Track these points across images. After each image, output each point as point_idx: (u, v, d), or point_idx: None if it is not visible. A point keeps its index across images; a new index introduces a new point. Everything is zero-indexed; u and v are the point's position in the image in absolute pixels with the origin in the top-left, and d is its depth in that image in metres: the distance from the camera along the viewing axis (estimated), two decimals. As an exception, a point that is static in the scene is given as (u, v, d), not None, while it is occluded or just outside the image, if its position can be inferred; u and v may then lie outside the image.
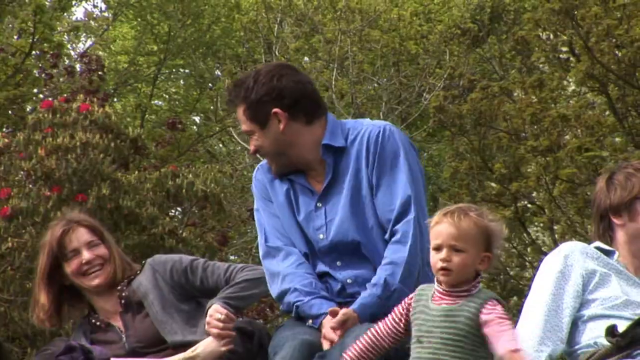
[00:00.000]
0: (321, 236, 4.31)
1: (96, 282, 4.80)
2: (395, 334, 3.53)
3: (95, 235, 4.81)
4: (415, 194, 4.17)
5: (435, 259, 3.46)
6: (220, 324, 4.34)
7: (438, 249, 3.47)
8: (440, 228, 3.47)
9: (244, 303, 4.61)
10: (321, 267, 4.32)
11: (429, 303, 3.46)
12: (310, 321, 4.14)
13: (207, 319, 4.38)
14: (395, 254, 4.16)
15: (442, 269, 3.45)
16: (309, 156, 4.38)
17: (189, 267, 4.79)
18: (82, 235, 4.77)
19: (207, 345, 4.41)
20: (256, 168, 4.59)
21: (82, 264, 4.76)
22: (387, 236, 4.23)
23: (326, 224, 4.32)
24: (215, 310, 4.38)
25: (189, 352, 4.41)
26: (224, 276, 4.68)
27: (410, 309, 3.46)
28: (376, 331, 3.56)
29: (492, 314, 3.43)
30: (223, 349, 4.35)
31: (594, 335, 4.22)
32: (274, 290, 4.32)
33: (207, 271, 4.76)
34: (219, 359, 4.42)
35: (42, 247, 4.83)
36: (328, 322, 3.98)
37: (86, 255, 4.75)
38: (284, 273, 4.27)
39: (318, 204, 4.34)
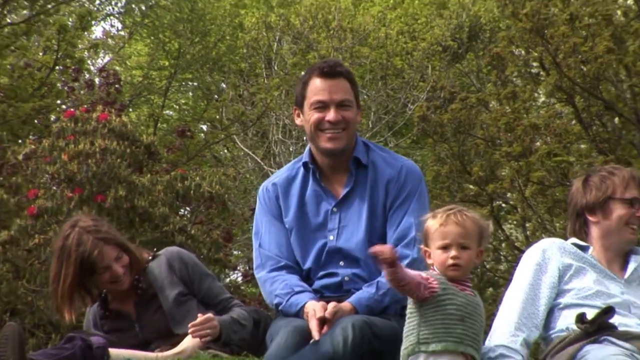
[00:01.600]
0: (331, 237, 4.34)
1: (124, 286, 4.82)
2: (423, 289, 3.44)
3: (118, 248, 4.80)
4: (417, 230, 4.10)
5: (444, 257, 3.45)
6: (198, 326, 4.39)
7: (446, 247, 3.45)
8: (448, 229, 3.46)
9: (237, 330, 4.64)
10: (326, 267, 4.35)
11: (456, 290, 3.44)
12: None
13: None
14: None
15: (454, 265, 3.43)
16: (346, 159, 4.39)
17: (201, 274, 4.87)
18: (109, 252, 4.76)
19: (190, 341, 4.47)
20: (271, 183, 4.54)
21: (113, 276, 4.78)
22: None
23: (338, 228, 4.34)
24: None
25: (178, 347, 4.50)
26: (219, 300, 4.83)
27: (437, 287, 3.42)
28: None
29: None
30: (200, 343, 4.43)
31: (567, 321, 4.22)
32: (266, 298, 4.40)
33: (212, 288, 4.87)
34: (227, 345, 4.51)
35: (66, 254, 4.76)
36: (313, 317, 3.99)
37: (118, 270, 4.76)
38: (270, 280, 4.33)
39: (334, 209, 4.36)
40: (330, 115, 4.30)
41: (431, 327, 3.36)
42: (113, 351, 4.48)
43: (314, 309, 4.03)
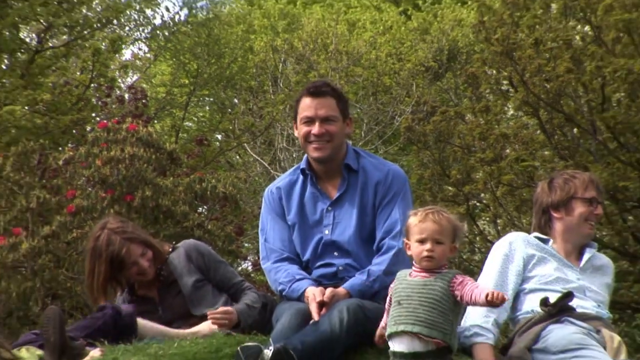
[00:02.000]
0: (327, 232, 4.35)
1: (149, 277, 4.84)
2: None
3: (142, 245, 4.82)
4: (402, 225, 4.09)
5: (420, 249, 3.44)
6: (217, 315, 4.43)
7: (423, 241, 3.44)
8: (426, 225, 3.45)
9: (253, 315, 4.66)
10: (322, 258, 4.35)
11: (407, 278, 3.44)
12: None
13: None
14: (379, 258, 4.24)
15: (428, 257, 3.43)
16: (337, 165, 4.38)
17: (215, 262, 4.87)
18: (135, 250, 4.78)
19: (207, 325, 4.48)
20: (275, 187, 4.55)
21: (140, 270, 4.81)
22: (375, 246, 4.30)
23: (333, 224, 4.35)
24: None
25: (195, 328, 4.51)
26: (232, 283, 4.83)
27: (394, 286, 3.43)
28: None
29: (463, 279, 3.43)
30: (217, 328, 4.43)
31: (532, 304, 4.22)
32: (271, 285, 4.41)
33: (226, 274, 4.87)
34: (239, 327, 4.52)
35: (98, 253, 4.77)
36: (313, 300, 4.00)
37: (144, 264, 4.79)
38: (275, 270, 4.34)
39: (329, 208, 4.37)
40: (315, 129, 4.31)
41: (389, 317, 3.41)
42: (140, 321, 4.49)
43: (314, 293, 4.04)
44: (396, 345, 3.31)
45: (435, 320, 3.33)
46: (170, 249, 4.93)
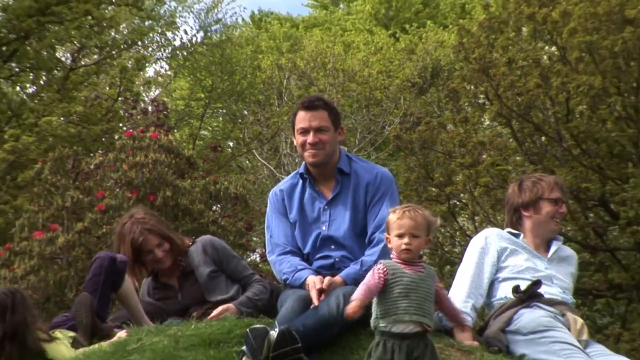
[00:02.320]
0: (324, 228, 4.34)
1: (165, 266, 4.85)
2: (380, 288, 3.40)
3: (160, 237, 4.82)
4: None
5: (399, 243, 3.41)
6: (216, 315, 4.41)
7: (401, 236, 3.42)
8: (403, 221, 3.43)
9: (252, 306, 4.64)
10: (321, 251, 4.34)
11: (403, 271, 3.39)
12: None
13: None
14: (371, 250, 4.23)
15: (406, 249, 3.41)
16: (331, 169, 4.38)
17: (228, 256, 4.86)
18: (152, 240, 4.80)
19: (224, 309, 4.48)
20: (279, 189, 4.54)
21: (155, 258, 4.81)
22: (367, 239, 4.29)
23: (329, 221, 4.34)
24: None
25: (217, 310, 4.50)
26: (242, 276, 4.81)
27: (388, 274, 3.38)
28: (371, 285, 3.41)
29: (438, 286, 3.46)
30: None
31: (505, 291, 4.22)
32: (276, 274, 4.40)
33: (238, 267, 4.85)
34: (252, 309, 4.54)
35: (122, 237, 4.83)
36: (313, 287, 3.99)
37: (159, 254, 4.80)
38: (279, 262, 4.32)
39: (325, 207, 4.36)
40: (310, 138, 4.31)
41: (383, 306, 3.31)
42: (128, 282, 4.58)
43: (314, 282, 4.03)
44: (400, 328, 3.27)
45: (431, 311, 3.36)
46: (191, 243, 4.93)
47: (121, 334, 4.08)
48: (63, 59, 15.80)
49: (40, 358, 4.00)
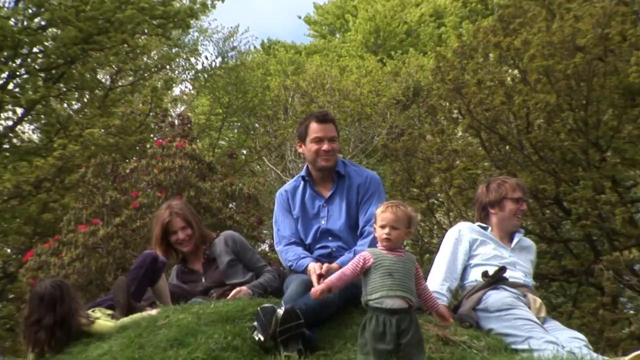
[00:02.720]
0: (323, 222, 4.35)
1: (185, 249, 4.85)
2: (356, 274, 3.41)
3: (185, 222, 4.81)
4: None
5: (381, 233, 3.42)
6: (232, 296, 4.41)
7: (383, 227, 3.42)
8: (385, 215, 3.43)
9: (263, 290, 4.62)
10: (320, 242, 4.34)
11: (386, 255, 3.39)
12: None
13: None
14: (362, 241, 4.24)
15: (386, 238, 3.41)
16: (329, 172, 4.40)
17: (245, 249, 4.86)
18: (177, 223, 4.82)
19: (238, 290, 4.47)
20: (284, 190, 4.55)
21: (178, 239, 4.80)
22: (359, 232, 4.30)
23: (327, 215, 4.34)
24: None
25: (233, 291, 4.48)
26: (256, 266, 4.79)
27: (371, 259, 3.37)
28: (347, 271, 3.42)
29: (418, 271, 3.44)
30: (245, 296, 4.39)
31: (475, 276, 4.22)
32: (283, 262, 4.39)
33: (253, 258, 4.84)
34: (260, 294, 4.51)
35: (157, 219, 4.87)
36: (314, 273, 3.99)
37: (180, 235, 4.82)
38: (285, 251, 4.32)
39: (323, 204, 4.37)
40: (325, 146, 4.33)
41: (372, 284, 3.31)
42: (163, 282, 4.49)
43: (314, 268, 4.03)
44: (389, 304, 3.26)
45: (412, 288, 3.34)
46: (215, 236, 4.94)
47: (152, 312, 4.08)
48: (103, 80, 15.80)
49: (84, 336, 3.99)
